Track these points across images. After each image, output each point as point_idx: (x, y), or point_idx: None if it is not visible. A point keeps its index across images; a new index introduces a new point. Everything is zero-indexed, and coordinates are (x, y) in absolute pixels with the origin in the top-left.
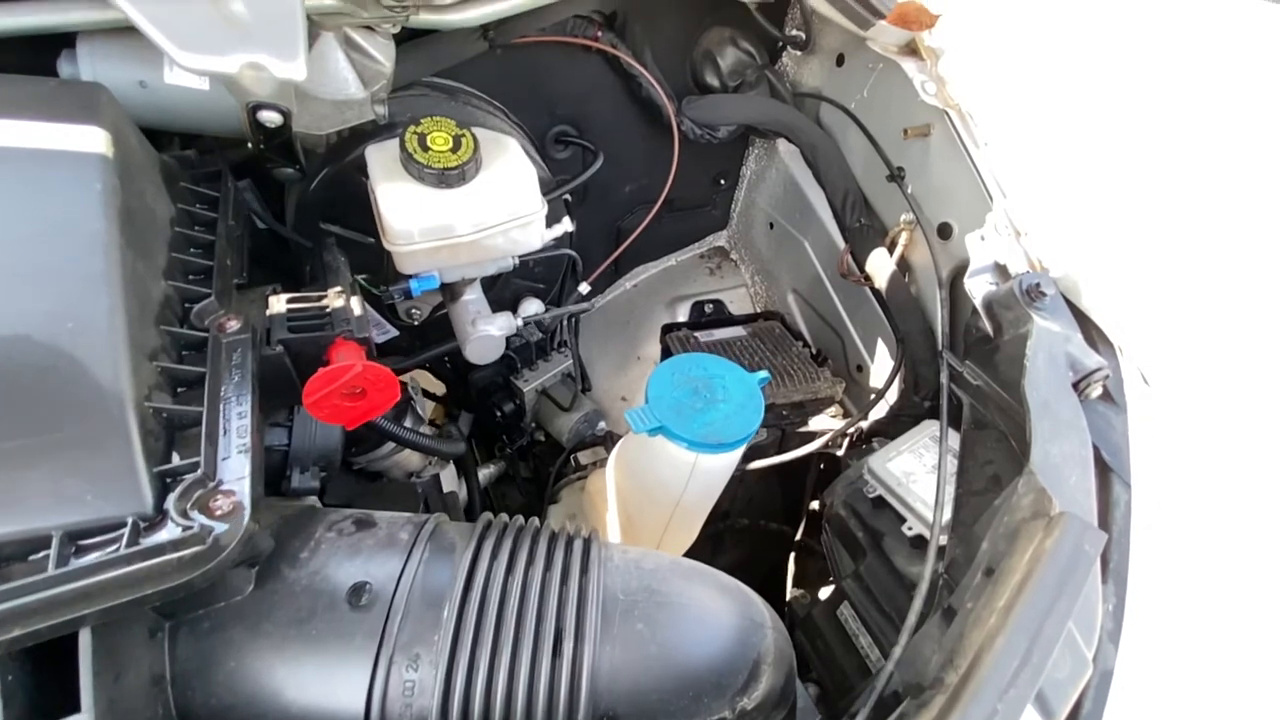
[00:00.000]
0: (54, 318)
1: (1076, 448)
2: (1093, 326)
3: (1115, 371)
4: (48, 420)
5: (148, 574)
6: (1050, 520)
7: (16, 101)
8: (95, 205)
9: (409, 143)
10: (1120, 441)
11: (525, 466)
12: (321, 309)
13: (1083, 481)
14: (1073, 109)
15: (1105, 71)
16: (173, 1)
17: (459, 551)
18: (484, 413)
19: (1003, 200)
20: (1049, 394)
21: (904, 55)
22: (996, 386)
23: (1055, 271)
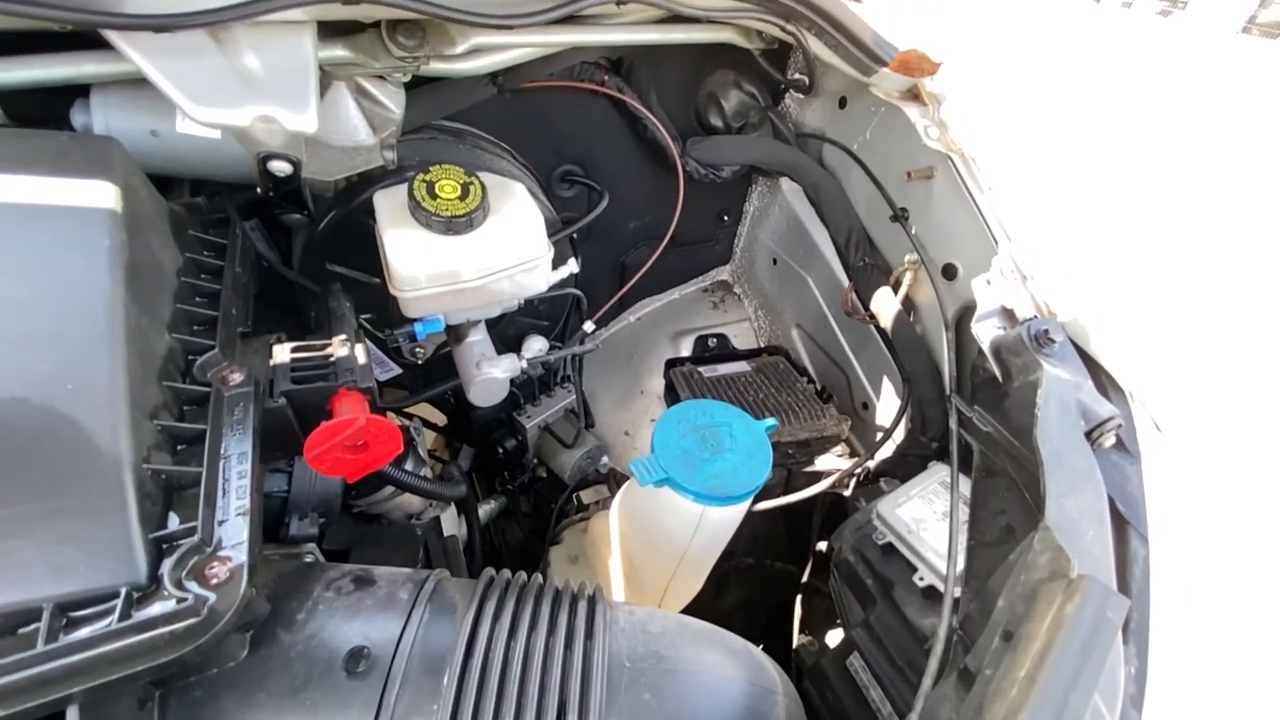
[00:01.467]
0: (54, 379)
1: (1092, 501)
2: (1102, 373)
3: (1128, 420)
4: (43, 486)
5: (140, 649)
6: (1070, 584)
7: (30, 156)
8: (102, 262)
9: (418, 190)
10: (1136, 493)
11: (526, 501)
12: (325, 358)
13: (1100, 537)
14: (1076, 154)
15: (1108, 117)
16: (186, 56)
17: (460, 613)
18: (485, 448)
19: (1008, 244)
20: (1062, 445)
21: (906, 100)
22: (1007, 433)
23: (1063, 316)
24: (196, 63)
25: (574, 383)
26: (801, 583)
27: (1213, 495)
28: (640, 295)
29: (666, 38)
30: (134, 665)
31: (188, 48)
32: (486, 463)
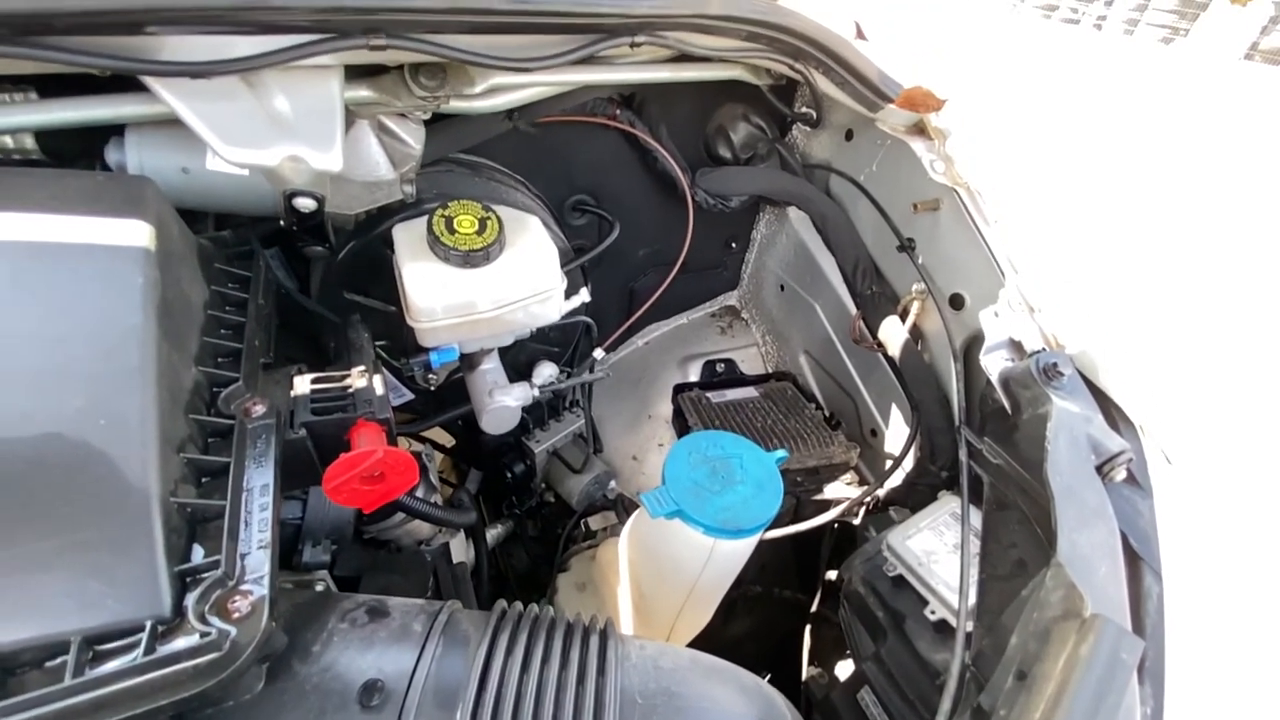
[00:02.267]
0: (88, 415)
1: (1104, 536)
2: (1112, 405)
3: (1138, 454)
4: (75, 520)
5: (164, 683)
6: (1083, 623)
7: (69, 195)
8: (135, 299)
9: (436, 225)
10: (1148, 529)
11: (533, 526)
12: (344, 389)
13: (1113, 573)
14: (1082, 184)
15: (1113, 145)
16: (219, 99)
17: (473, 645)
18: (494, 472)
19: (1014, 276)
20: (1072, 479)
21: (912, 135)
22: (1017, 466)
23: (1071, 349)
24: (228, 105)
25: (584, 408)
26: (810, 612)
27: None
28: (648, 320)
29: (678, 76)
30: (157, 700)
31: (221, 91)
32: (494, 486)
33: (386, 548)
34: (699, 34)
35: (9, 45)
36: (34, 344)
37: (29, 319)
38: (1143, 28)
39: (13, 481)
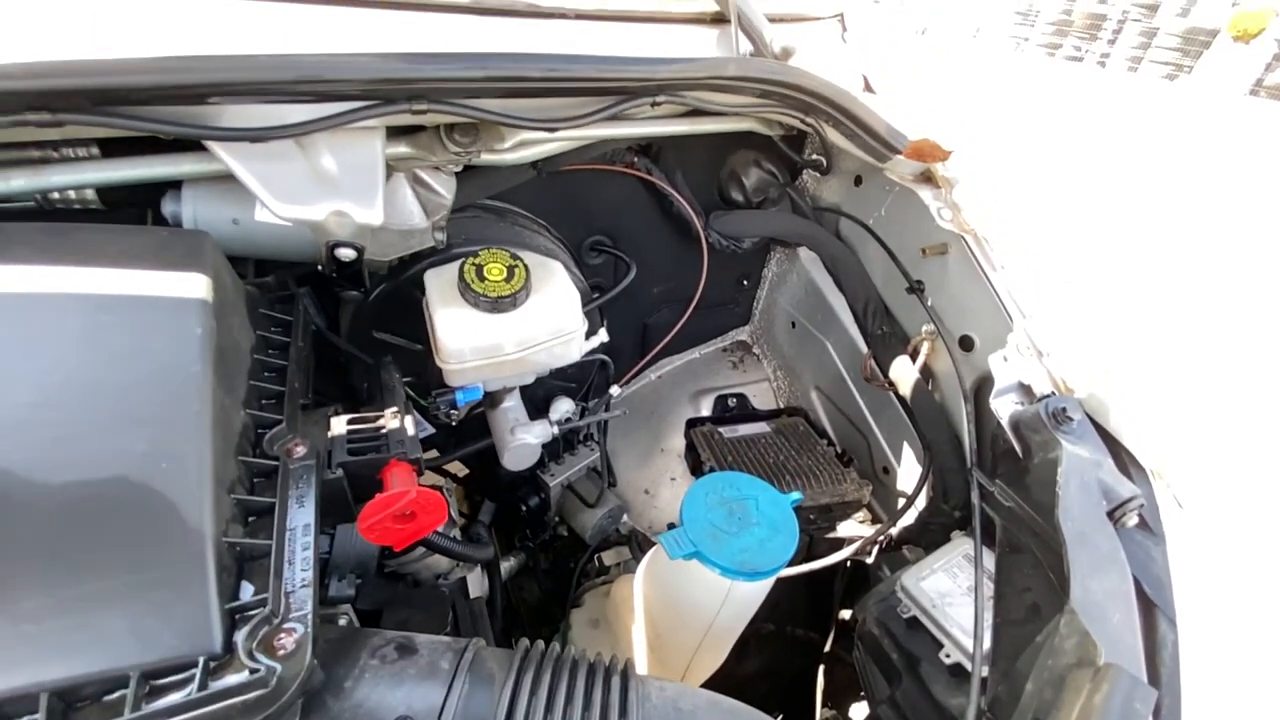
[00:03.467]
0: (150, 458)
1: (1117, 583)
2: (1123, 450)
3: (1150, 499)
4: (136, 559)
5: (213, 718)
6: (1097, 671)
7: (134, 250)
8: (195, 349)
9: (467, 273)
10: (1162, 575)
11: (545, 559)
12: (378, 430)
13: (1127, 620)
14: (1090, 228)
15: (1121, 188)
16: (272, 159)
17: (498, 684)
18: (508, 504)
19: (1022, 321)
20: (1084, 524)
21: (919, 183)
22: (1029, 509)
23: (1080, 393)
24: (280, 165)
25: (599, 443)
26: (824, 652)
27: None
28: (661, 354)
29: (694, 129)
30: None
31: (274, 152)
32: (506, 518)
33: (404, 581)
34: (715, 93)
35: (91, 114)
36: (104, 390)
37: (99, 367)
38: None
39: (83, 521)
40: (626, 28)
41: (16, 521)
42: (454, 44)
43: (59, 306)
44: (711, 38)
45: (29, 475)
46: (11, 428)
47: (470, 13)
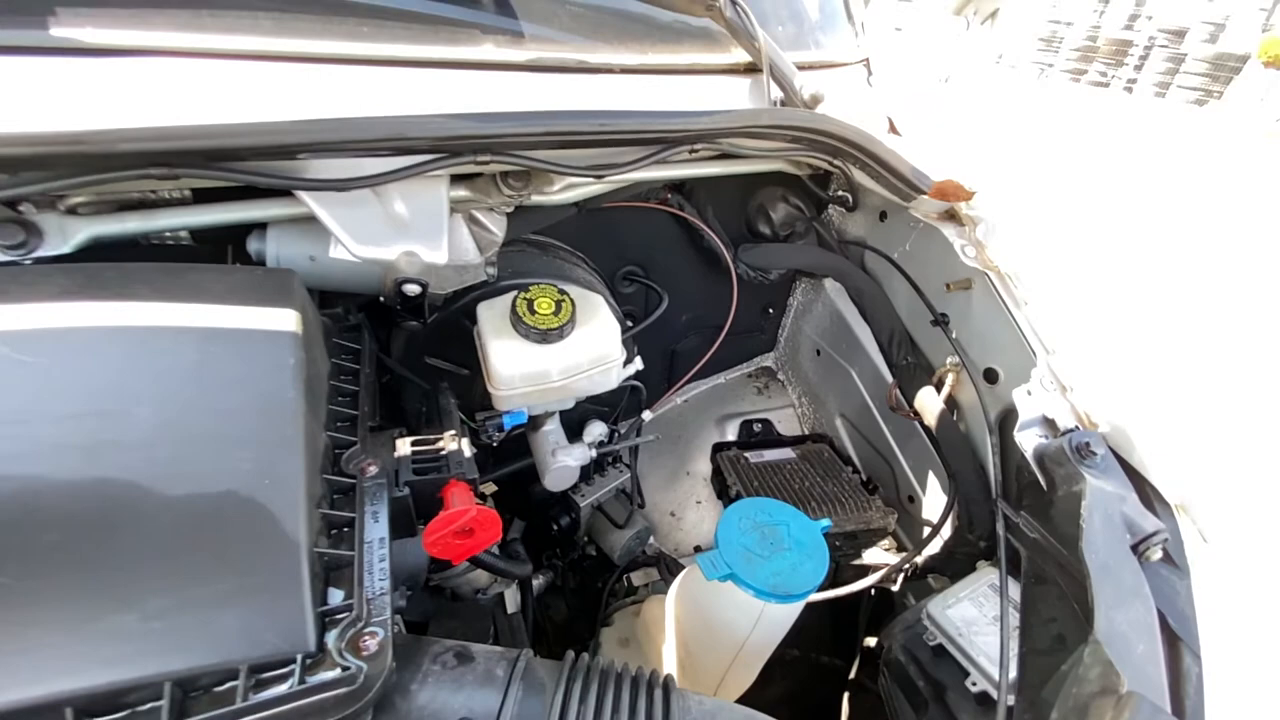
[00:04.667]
0: (255, 476)
1: (1142, 615)
2: (1147, 485)
3: (1174, 533)
4: (243, 566)
5: (309, 710)
6: (1119, 699)
7: (234, 288)
8: (289, 377)
9: (519, 307)
10: (1186, 609)
11: (572, 578)
12: (438, 451)
13: (1151, 652)
14: (1115, 259)
15: (1147, 216)
16: (352, 205)
17: (549, 692)
18: (539, 523)
19: (1046, 356)
20: (1108, 557)
21: (943, 221)
22: (1054, 541)
23: (1104, 427)
24: (359, 210)
25: (630, 466)
26: (849, 679)
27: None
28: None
29: (726, 170)
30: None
31: (353, 199)
32: (536, 536)
33: (444, 595)
34: (749, 139)
35: (205, 169)
36: (214, 413)
37: (210, 392)
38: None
39: (199, 530)
40: (666, 80)
41: (144, 529)
42: (513, 99)
43: (177, 338)
44: (745, 86)
45: (154, 488)
46: (139, 445)
47: (527, 70)
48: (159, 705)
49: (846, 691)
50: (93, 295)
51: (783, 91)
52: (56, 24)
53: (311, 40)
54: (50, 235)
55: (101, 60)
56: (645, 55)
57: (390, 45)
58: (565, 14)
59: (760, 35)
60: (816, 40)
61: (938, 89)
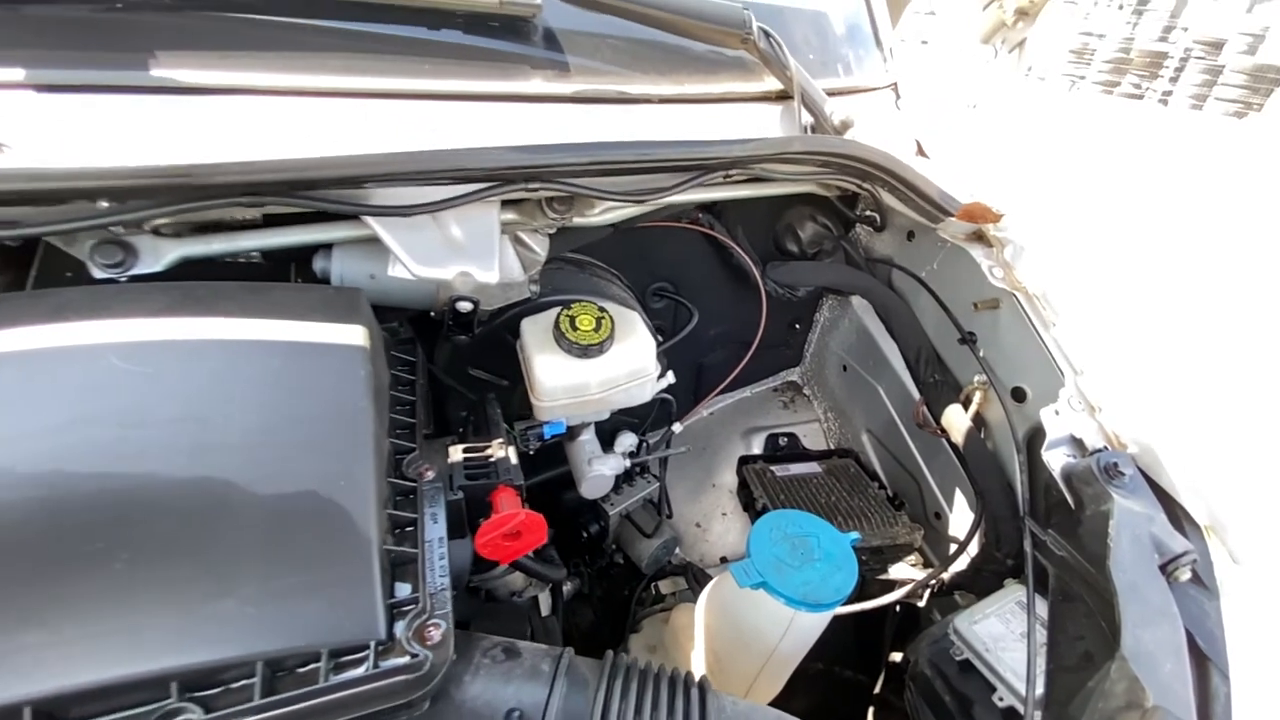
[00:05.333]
0: (332, 478)
1: (1169, 634)
2: (1177, 506)
3: (1203, 555)
4: (324, 559)
5: (382, 692)
6: (1144, 713)
7: (309, 305)
8: (361, 388)
9: (562, 323)
10: (1215, 629)
11: (599, 585)
12: (487, 459)
13: (1178, 671)
14: (1147, 277)
15: (1184, 232)
16: (413, 229)
17: (591, 688)
18: (569, 530)
19: (1074, 376)
20: (1136, 576)
21: (970, 241)
22: (1082, 559)
23: (1133, 448)
24: (418, 234)
25: (660, 477)
26: (873, 694)
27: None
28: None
29: (757, 193)
30: (374, 705)
31: (414, 224)
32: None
33: (479, 596)
34: (780, 164)
35: (285, 196)
36: (296, 420)
37: (292, 401)
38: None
39: (284, 525)
40: (702, 109)
41: (237, 523)
42: (559, 129)
43: (262, 351)
44: (776, 113)
45: (246, 486)
46: (233, 448)
47: (572, 102)
48: (251, 683)
49: (871, 707)
50: (189, 311)
51: (813, 117)
52: (155, 65)
53: (378, 78)
54: (145, 255)
55: (191, 98)
56: (682, 85)
57: (448, 81)
58: (608, 48)
59: (792, 64)
60: (847, 66)
61: (965, 114)
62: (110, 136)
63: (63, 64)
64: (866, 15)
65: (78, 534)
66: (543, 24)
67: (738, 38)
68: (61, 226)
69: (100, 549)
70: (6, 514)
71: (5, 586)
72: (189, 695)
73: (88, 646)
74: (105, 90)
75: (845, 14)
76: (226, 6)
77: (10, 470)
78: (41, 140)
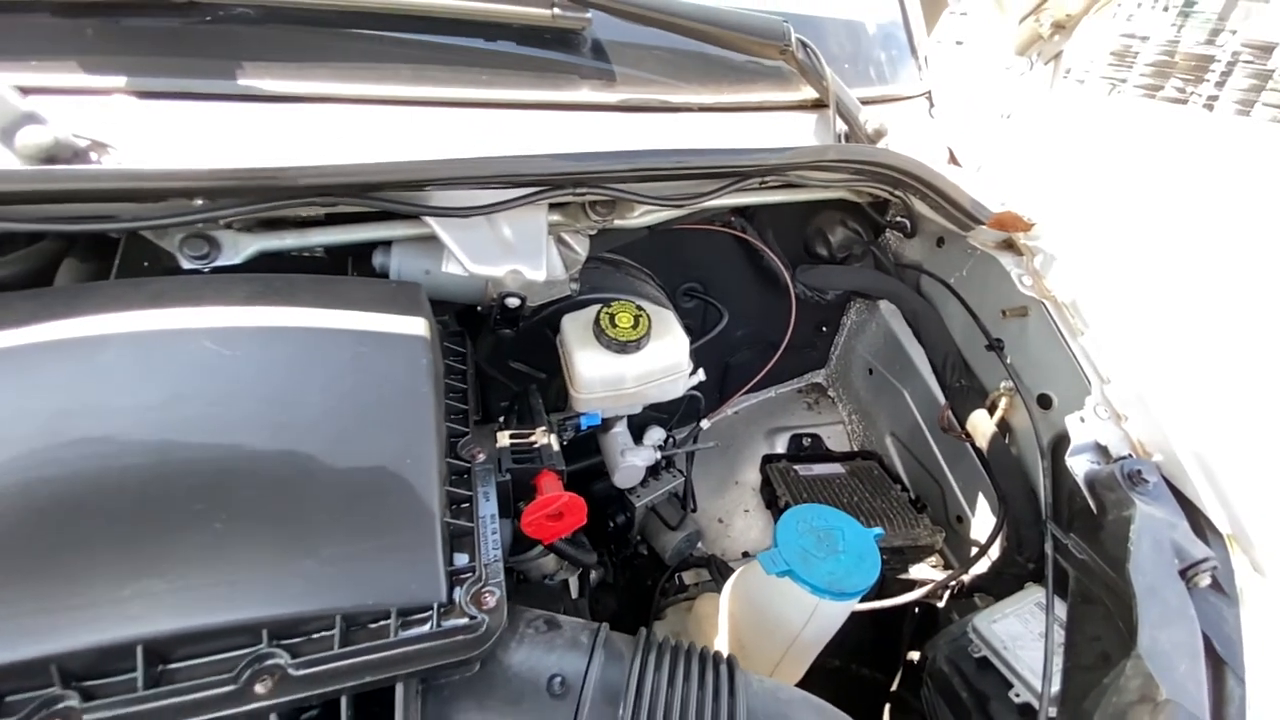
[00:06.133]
0: (401, 455)
1: (1186, 636)
2: (1200, 515)
3: (1224, 563)
4: (393, 528)
5: (443, 650)
6: (1156, 706)
7: (375, 298)
8: (423, 375)
9: (602, 320)
10: (1233, 634)
11: (623, 576)
12: (532, 444)
13: (1193, 671)
14: (1184, 287)
15: (1226, 243)
16: (468, 229)
17: (627, 659)
18: (597, 520)
19: (1100, 385)
20: (1155, 579)
21: (1000, 250)
22: (1102, 563)
23: (1158, 456)
24: (474, 233)
25: (686, 471)
26: (890, 692)
27: None
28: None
29: (790, 198)
30: (435, 661)
31: (470, 224)
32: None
33: (513, 578)
34: (814, 171)
35: (356, 197)
36: (366, 403)
37: (362, 385)
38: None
39: (362, 496)
40: (740, 116)
41: (315, 492)
42: (605, 137)
43: (335, 338)
44: (811, 121)
45: (322, 460)
46: (310, 425)
47: (617, 110)
48: (330, 634)
49: (887, 705)
50: (270, 301)
51: (848, 126)
52: (239, 75)
53: (439, 87)
54: (226, 248)
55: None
56: (721, 94)
57: (503, 90)
58: (652, 58)
59: (828, 74)
60: (882, 75)
61: (999, 124)
62: (198, 140)
63: (159, 72)
64: (902, 25)
65: (184, 496)
66: (591, 36)
67: (776, 49)
68: (158, 221)
69: (202, 511)
70: (127, 477)
71: (130, 540)
72: (277, 642)
73: (194, 595)
74: (195, 97)
75: (881, 24)
76: (303, 20)
77: (126, 439)
78: (140, 142)
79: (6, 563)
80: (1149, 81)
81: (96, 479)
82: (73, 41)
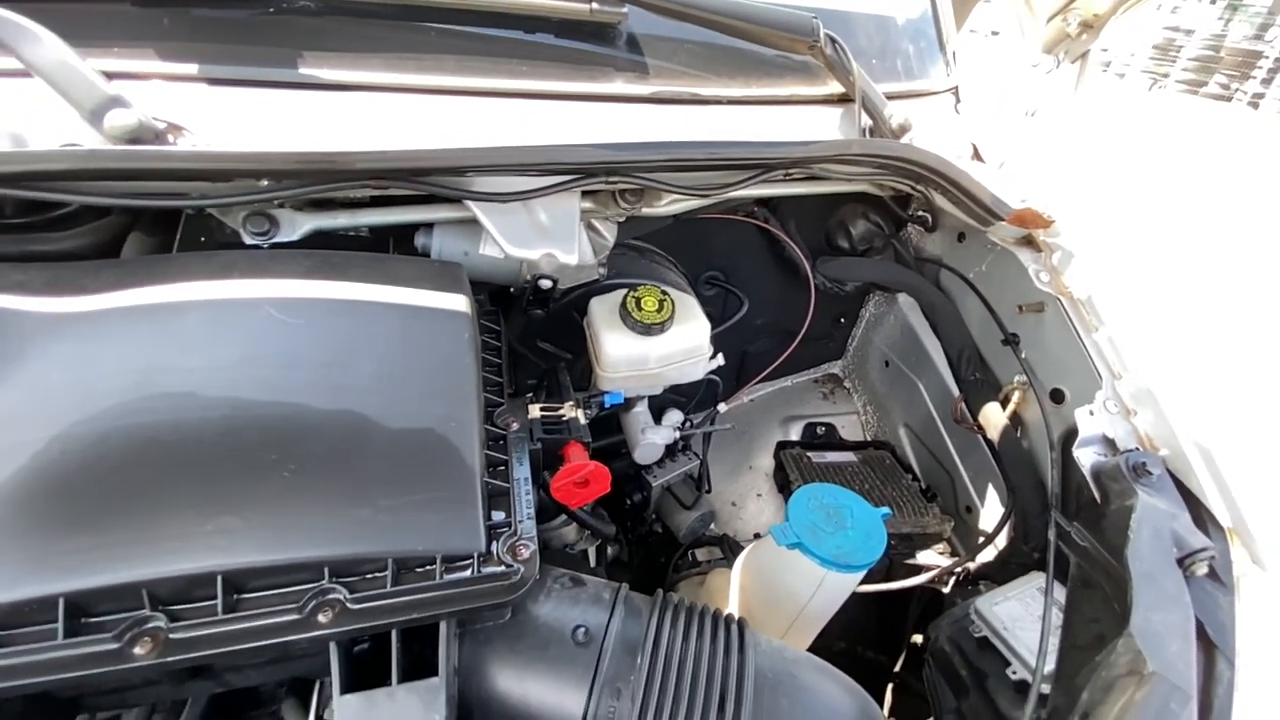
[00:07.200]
0: (446, 419)
1: (1179, 620)
2: (1203, 509)
3: (1223, 554)
4: (439, 483)
5: (482, 594)
6: (1142, 678)
7: (420, 275)
8: (467, 347)
9: (629, 303)
10: (1226, 621)
11: (636, 553)
12: (560, 417)
13: (1184, 652)
14: (1211, 287)
15: (1241, 234)
16: (508, 213)
17: (645, 616)
18: (614, 498)
19: (1112, 380)
20: (1152, 566)
21: (1019, 246)
22: (1103, 550)
23: (1165, 451)
24: (512, 218)
25: (702, 453)
26: (893, 673)
27: None
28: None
29: (813, 190)
30: (474, 603)
31: (509, 209)
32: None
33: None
34: (838, 164)
35: (407, 181)
36: (414, 370)
37: (411, 354)
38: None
39: (412, 453)
40: (768, 110)
41: (370, 448)
42: (638, 127)
43: (386, 311)
44: (837, 115)
45: (377, 420)
46: (364, 389)
47: (650, 102)
48: (383, 575)
49: (890, 685)
50: (326, 275)
51: (873, 120)
52: (300, 64)
53: (481, 78)
54: (284, 226)
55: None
56: (750, 88)
57: (541, 81)
58: (684, 52)
59: (855, 70)
60: (909, 70)
61: (1024, 121)
62: (260, 124)
63: (227, 60)
64: (932, 20)
65: (258, 446)
66: (626, 30)
67: (805, 44)
68: (226, 200)
69: (274, 460)
70: (208, 427)
71: (211, 482)
72: (337, 579)
73: (266, 533)
74: (257, 85)
75: (911, 19)
76: (357, 13)
77: (207, 394)
78: (208, 125)
79: (105, 499)
80: (1192, 77)
81: (183, 428)
82: (150, 30)
